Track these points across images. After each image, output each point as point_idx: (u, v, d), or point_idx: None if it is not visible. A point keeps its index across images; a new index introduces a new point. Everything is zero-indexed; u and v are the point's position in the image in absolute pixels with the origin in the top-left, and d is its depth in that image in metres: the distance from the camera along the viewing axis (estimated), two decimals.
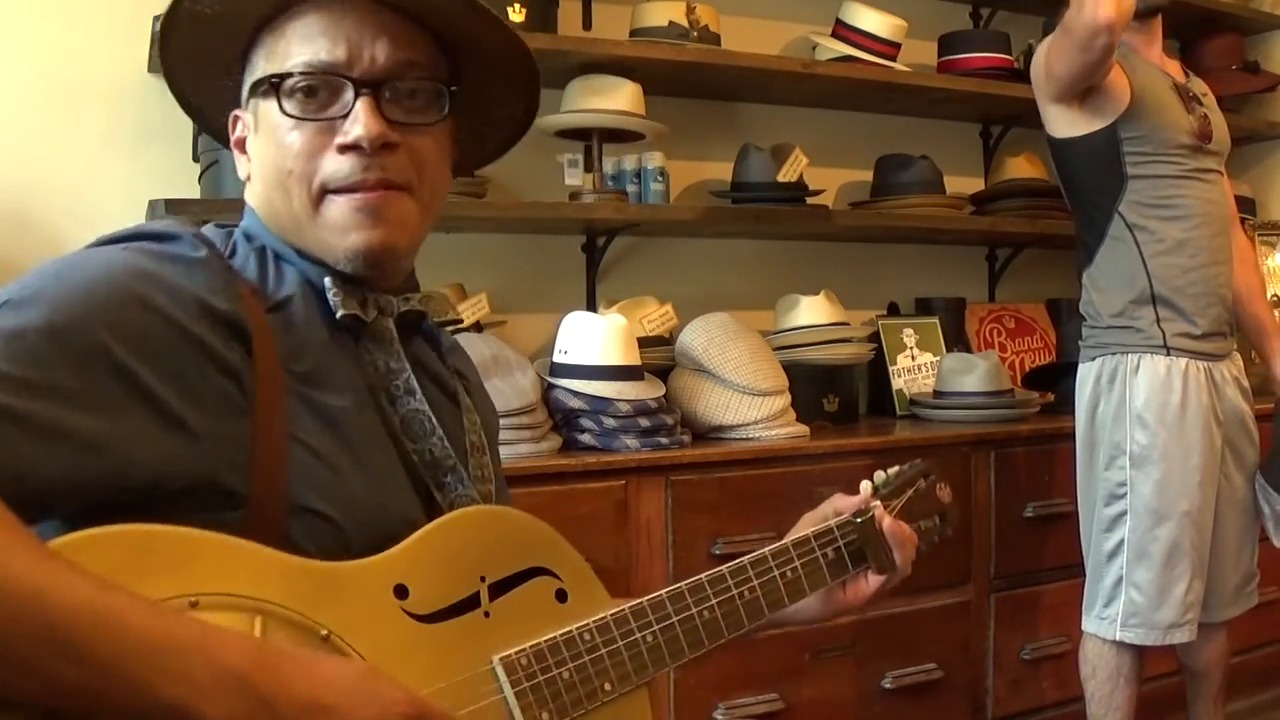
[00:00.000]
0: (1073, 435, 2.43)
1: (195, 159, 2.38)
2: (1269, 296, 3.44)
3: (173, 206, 2.17)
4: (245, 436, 0.87)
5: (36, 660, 0.71)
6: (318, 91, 0.98)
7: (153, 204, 2.20)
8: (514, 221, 2.63)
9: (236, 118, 1.06)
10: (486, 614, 0.96)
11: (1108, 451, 2.27)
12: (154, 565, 0.78)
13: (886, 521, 1.26)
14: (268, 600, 0.83)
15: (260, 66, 1.01)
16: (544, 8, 2.50)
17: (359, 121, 0.97)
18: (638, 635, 1.04)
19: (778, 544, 1.21)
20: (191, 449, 0.85)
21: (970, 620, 2.59)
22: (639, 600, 1.06)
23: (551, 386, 2.35)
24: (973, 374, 2.83)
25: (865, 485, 1.32)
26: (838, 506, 1.29)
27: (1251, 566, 2.39)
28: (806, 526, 1.27)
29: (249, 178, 1.05)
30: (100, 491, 0.81)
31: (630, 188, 2.72)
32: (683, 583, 1.10)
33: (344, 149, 0.97)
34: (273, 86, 0.99)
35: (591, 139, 2.60)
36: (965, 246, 3.38)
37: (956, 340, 3.17)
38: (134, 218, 2.31)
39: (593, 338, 2.35)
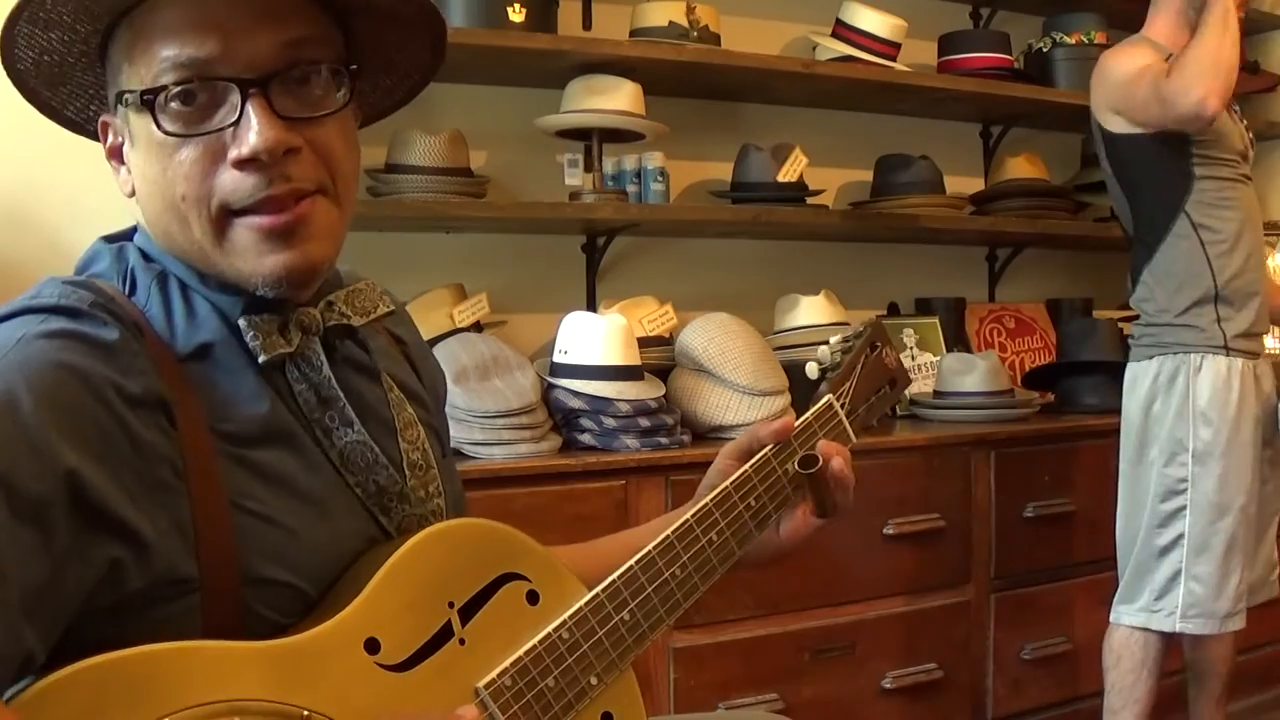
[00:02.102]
0: (1092, 433, 2.47)
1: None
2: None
3: None
4: (186, 518, 0.82)
5: None
6: (195, 97, 0.85)
7: None
8: (514, 221, 2.63)
9: (106, 124, 0.94)
10: (462, 641, 0.92)
11: (1166, 448, 2.29)
12: (117, 699, 0.76)
13: (836, 464, 1.14)
14: (239, 698, 0.80)
15: (124, 71, 0.88)
16: (544, 8, 2.50)
17: (252, 129, 0.84)
18: (615, 618, 1.01)
19: (727, 482, 1.13)
20: (146, 554, 0.80)
21: (970, 620, 2.59)
22: (611, 579, 1.02)
23: (551, 386, 2.35)
24: (973, 374, 2.83)
25: (811, 368, 1.25)
26: (759, 435, 1.16)
27: (1274, 556, 2.45)
28: (728, 464, 1.17)
29: (134, 193, 0.93)
30: (68, 624, 0.78)
31: (630, 188, 2.72)
32: (650, 546, 1.05)
33: (241, 164, 0.85)
34: (145, 103, 0.85)
35: (591, 139, 2.60)
36: (965, 246, 3.38)
37: (956, 340, 3.17)
38: (134, 218, 2.31)
39: (593, 338, 2.35)
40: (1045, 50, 3.23)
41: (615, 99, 2.54)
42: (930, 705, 2.52)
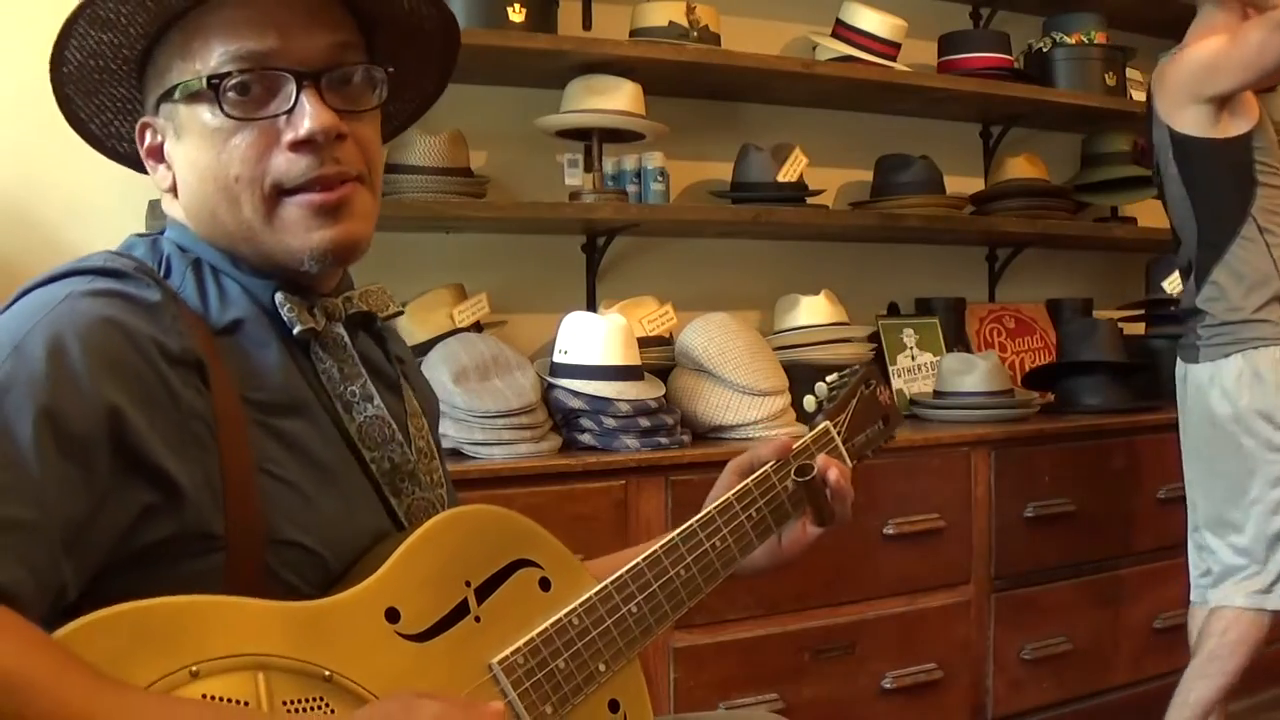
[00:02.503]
0: (1092, 433, 2.43)
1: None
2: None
3: None
4: (216, 476, 0.86)
5: None
6: (252, 88, 0.93)
7: (153, 204, 2.20)
8: (514, 221, 2.63)
9: (146, 126, 0.99)
10: (477, 619, 0.96)
11: (1268, 439, 2.32)
12: (151, 643, 0.78)
13: (832, 475, 1.19)
14: (266, 653, 0.83)
15: (176, 68, 0.94)
16: (544, 8, 2.50)
17: (308, 115, 0.92)
18: (623, 609, 1.05)
19: (730, 493, 1.18)
20: (178, 504, 0.84)
21: (970, 620, 2.59)
22: (619, 573, 1.06)
23: (551, 386, 2.35)
24: (973, 374, 2.83)
25: (809, 401, 1.31)
26: (760, 455, 1.22)
27: None
28: (733, 478, 1.22)
29: (172, 188, 0.99)
30: (102, 565, 0.81)
31: (630, 188, 2.72)
32: (657, 545, 1.10)
33: (296, 145, 0.93)
34: (210, 88, 0.92)
35: (591, 139, 2.60)
36: (965, 246, 3.38)
37: (956, 340, 3.17)
38: (134, 218, 2.31)
39: (593, 338, 2.35)
40: (1045, 50, 3.23)
41: (615, 99, 2.54)
42: (930, 705, 2.52)
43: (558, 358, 2.39)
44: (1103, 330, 3.02)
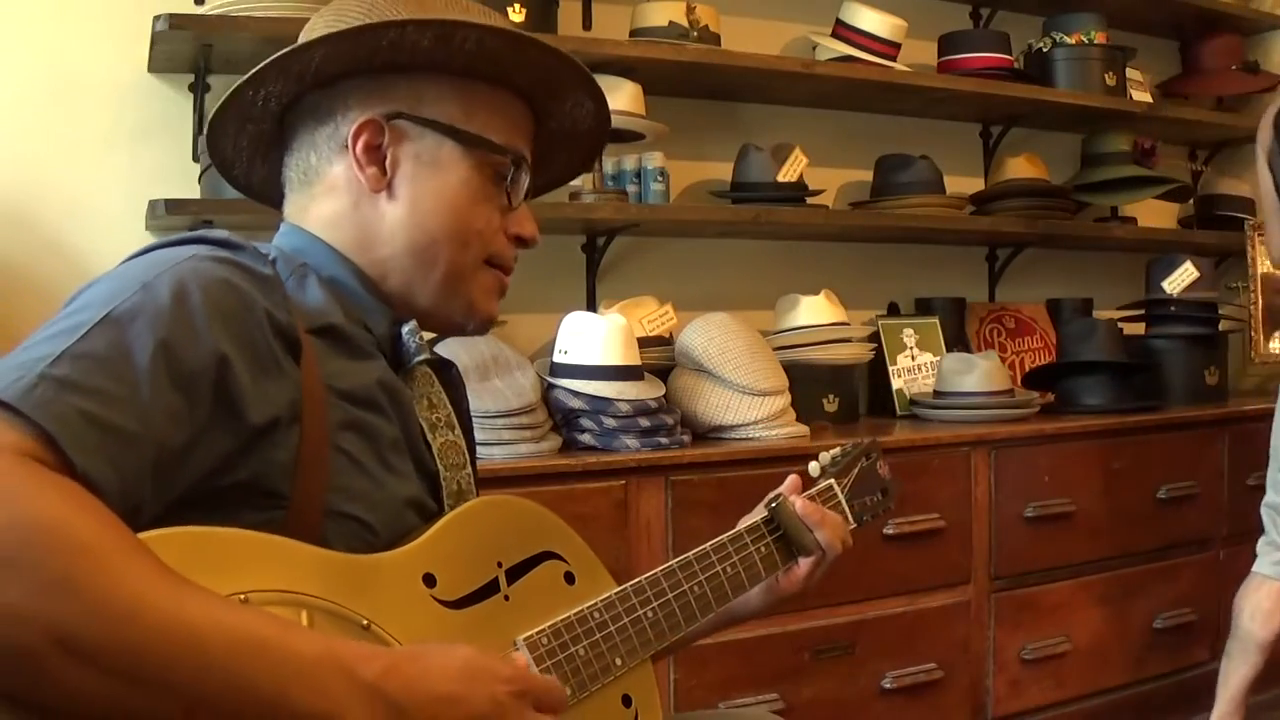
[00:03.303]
0: (1092, 433, 2.43)
1: (195, 159, 2.38)
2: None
3: (173, 206, 2.17)
4: (294, 443, 0.91)
5: (186, 686, 0.74)
6: (521, 179, 1.10)
7: (153, 204, 2.19)
8: None
9: (374, 125, 1.06)
10: (506, 598, 1.02)
11: None
12: (205, 566, 0.81)
13: (798, 504, 1.29)
14: (310, 594, 0.87)
15: (447, 111, 1.07)
16: (544, 8, 2.50)
17: (533, 224, 1.13)
18: (640, 611, 1.12)
19: (742, 526, 1.28)
20: (256, 458, 0.89)
21: (970, 620, 2.59)
22: (638, 579, 1.14)
23: (551, 386, 2.35)
24: (973, 374, 2.82)
25: (813, 466, 1.39)
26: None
27: None
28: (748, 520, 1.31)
29: (383, 189, 1.06)
30: (176, 499, 0.85)
31: (630, 188, 2.72)
32: (673, 561, 1.19)
33: (518, 239, 1.12)
34: (495, 151, 1.08)
35: None
36: (965, 246, 3.38)
37: (956, 340, 3.16)
38: (134, 217, 2.31)
39: (593, 338, 2.35)
40: (1045, 50, 3.23)
41: (615, 99, 2.53)
42: (930, 705, 2.52)
43: (558, 358, 2.39)
44: (1103, 330, 3.02)
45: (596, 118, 1.21)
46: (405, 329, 1.09)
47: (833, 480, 1.37)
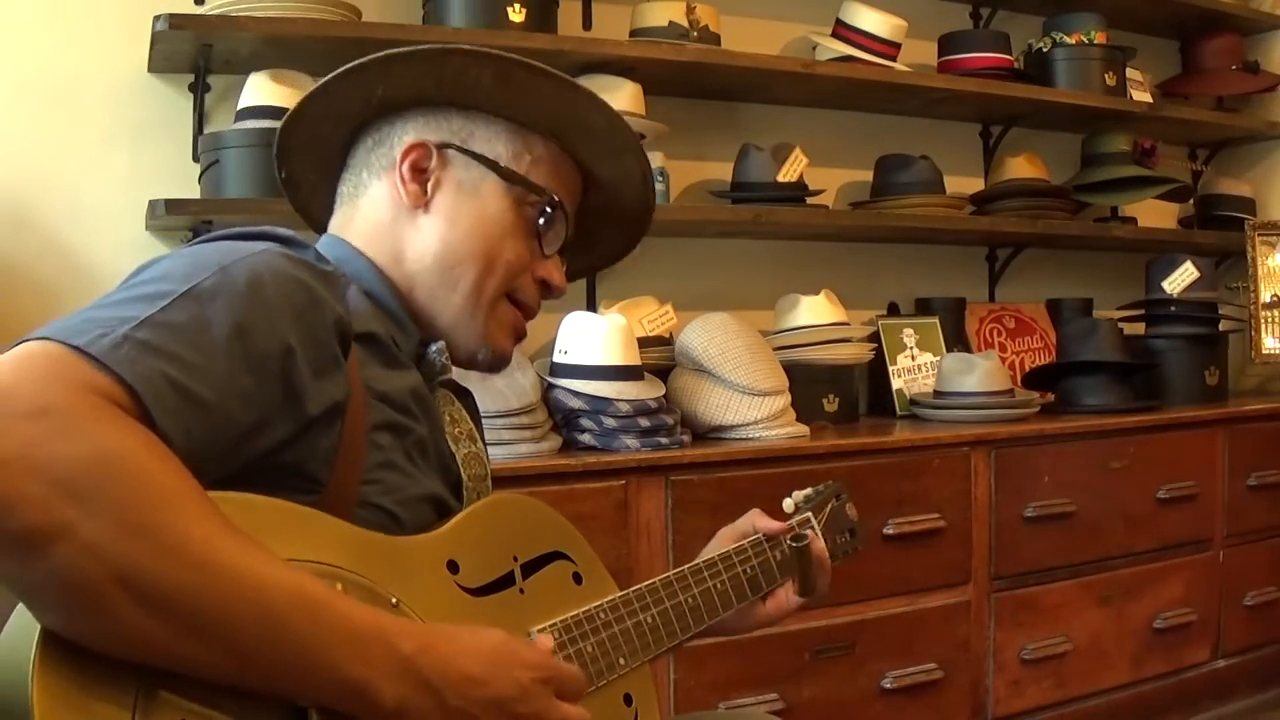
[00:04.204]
0: (1092, 433, 2.49)
1: (195, 159, 2.37)
2: (1270, 296, 3.45)
3: (173, 206, 2.17)
4: (336, 434, 0.94)
5: (243, 637, 0.77)
6: (553, 220, 1.14)
7: (152, 204, 2.19)
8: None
9: (423, 147, 1.11)
10: (521, 590, 1.06)
11: None
12: (249, 529, 0.82)
13: (818, 547, 1.37)
14: (345, 568, 0.90)
15: (500, 149, 1.12)
16: (544, 8, 2.50)
17: (561, 274, 1.17)
18: (641, 615, 1.16)
19: (731, 548, 1.33)
20: (305, 440, 0.92)
21: (970, 620, 2.59)
22: (639, 586, 1.19)
23: (551, 386, 2.35)
24: (973, 374, 2.82)
25: (788, 503, 1.44)
26: (757, 525, 1.37)
27: None
28: (727, 540, 1.36)
29: (422, 206, 1.11)
30: (234, 467, 0.87)
31: None
32: (670, 573, 1.24)
33: (543, 284, 1.16)
34: (538, 194, 1.12)
35: None
36: (965, 246, 3.38)
37: (956, 340, 3.16)
38: (134, 218, 2.31)
39: (593, 338, 2.35)
40: (1045, 50, 3.23)
41: (615, 99, 2.53)
42: (930, 705, 2.52)
43: (558, 358, 2.39)
44: (1103, 330, 3.02)
45: (642, 191, 1.25)
46: (433, 348, 1.12)
47: (810, 514, 1.43)
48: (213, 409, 0.83)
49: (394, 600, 0.93)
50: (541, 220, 1.13)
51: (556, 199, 1.14)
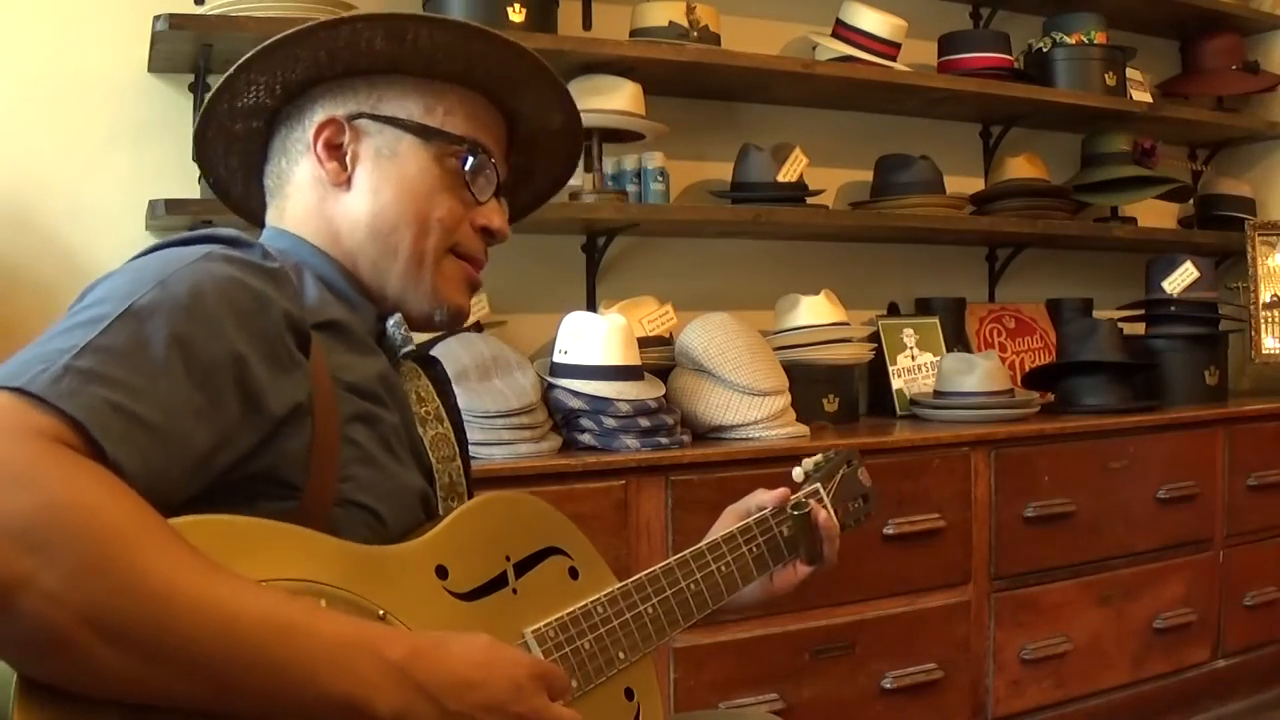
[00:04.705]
0: (1092, 433, 2.54)
1: (195, 159, 2.37)
2: (1270, 296, 3.45)
3: (173, 206, 2.17)
4: (307, 434, 0.93)
5: (215, 667, 0.76)
6: (484, 170, 1.12)
7: (153, 204, 2.19)
8: (514, 221, 2.62)
9: (335, 124, 1.10)
10: (514, 591, 1.04)
11: None
12: (225, 553, 0.82)
13: (821, 516, 1.35)
14: (328, 583, 0.88)
15: (410, 108, 1.10)
16: (544, 8, 2.50)
17: (501, 217, 1.15)
18: (640, 607, 1.15)
19: (734, 527, 1.31)
20: (273, 444, 0.90)
21: (970, 620, 2.59)
22: (639, 576, 1.17)
23: (551, 386, 2.35)
24: (973, 374, 2.82)
25: (797, 472, 1.42)
26: (760, 500, 1.36)
27: None
28: (732, 520, 1.35)
29: (343, 184, 1.09)
30: (200, 486, 0.86)
31: (630, 188, 2.72)
32: (671, 559, 1.23)
33: (485, 231, 1.13)
34: (453, 142, 1.10)
35: (591, 139, 2.60)
36: (965, 246, 3.38)
37: (956, 340, 3.16)
38: (134, 218, 2.31)
39: (593, 338, 2.35)
40: (1045, 50, 3.23)
41: (615, 99, 2.53)
42: (930, 705, 2.52)
43: (558, 358, 2.39)
44: (1103, 330, 3.02)
45: (565, 114, 1.21)
46: (390, 322, 1.10)
47: (819, 484, 1.40)
48: (163, 430, 0.81)
49: (381, 612, 0.92)
50: (467, 169, 1.11)
51: (478, 144, 1.12)
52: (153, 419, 0.80)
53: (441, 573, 0.99)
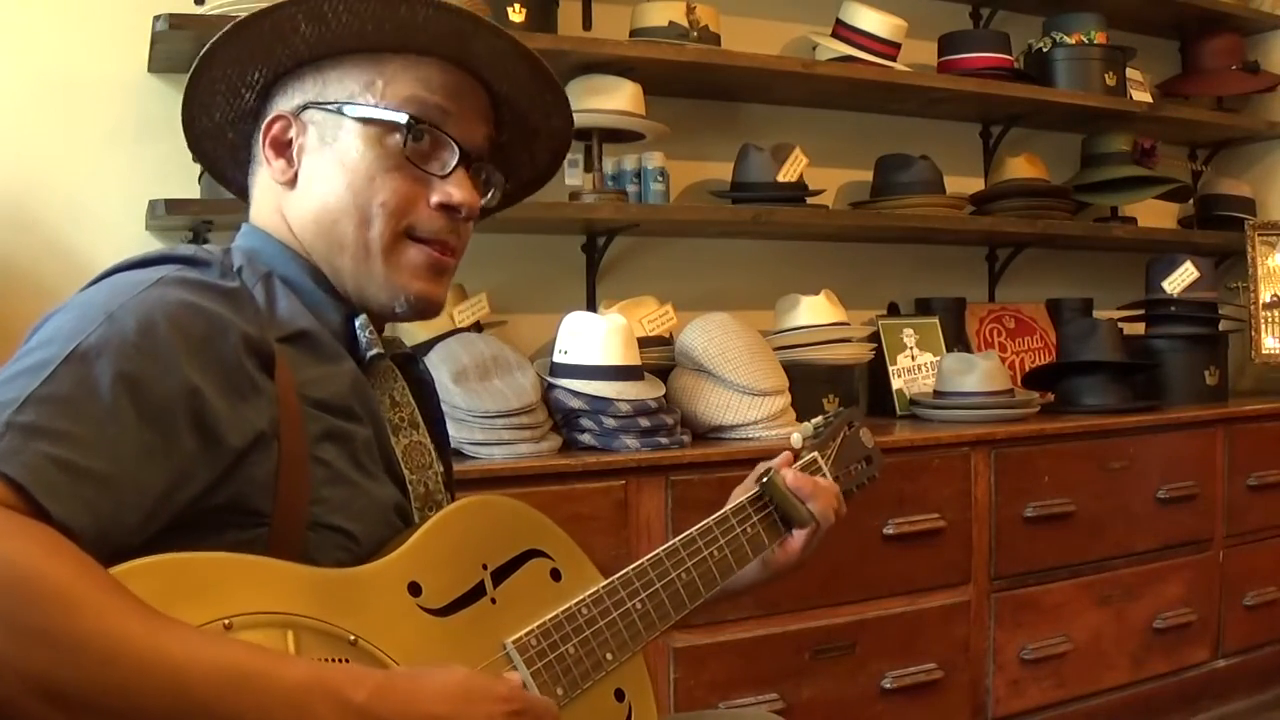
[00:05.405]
0: (1092, 433, 2.54)
1: (195, 159, 2.37)
2: (1270, 296, 3.45)
3: (173, 206, 2.17)
4: (273, 460, 0.90)
5: None
6: (425, 139, 1.03)
7: (153, 204, 2.19)
8: (514, 221, 2.62)
9: (281, 120, 1.06)
10: (493, 600, 1.01)
11: None
12: (189, 593, 0.81)
13: (789, 477, 1.28)
14: (295, 613, 0.86)
15: (349, 88, 1.04)
16: (544, 8, 2.50)
17: (463, 189, 1.04)
18: (628, 604, 1.10)
19: (727, 507, 1.26)
20: (237, 480, 0.88)
21: (970, 620, 2.59)
22: (625, 571, 1.12)
23: (551, 386, 2.35)
24: (973, 374, 2.82)
25: (795, 437, 1.37)
26: (759, 473, 1.32)
27: None
28: (751, 481, 1.31)
29: (289, 182, 1.05)
30: (162, 523, 0.84)
31: (630, 188, 2.72)
32: (660, 549, 1.16)
33: (443, 207, 1.04)
34: (389, 123, 1.02)
35: (591, 139, 2.60)
36: (965, 246, 3.38)
37: (956, 340, 3.16)
38: (134, 218, 2.31)
39: (593, 338, 2.35)
40: (1045, 50, 3.23)
41: (615, 99, 2.53)
42: (930, 705, 2.52)
43: (558, 358, 2.39)
44: (1103, 330, 3.02)
45: (527, 63, 1.09)
46: (357, 323, 1.05)
47: (815, 453, 1.36)
48: (113, 479, 0.79)
49: (351, 638, 0.89)
50: (409, 145, 1.02)
51: (418, 119, 1.03)
52: (99, 469, 0.78)
53: (414, 589, 0.95)
